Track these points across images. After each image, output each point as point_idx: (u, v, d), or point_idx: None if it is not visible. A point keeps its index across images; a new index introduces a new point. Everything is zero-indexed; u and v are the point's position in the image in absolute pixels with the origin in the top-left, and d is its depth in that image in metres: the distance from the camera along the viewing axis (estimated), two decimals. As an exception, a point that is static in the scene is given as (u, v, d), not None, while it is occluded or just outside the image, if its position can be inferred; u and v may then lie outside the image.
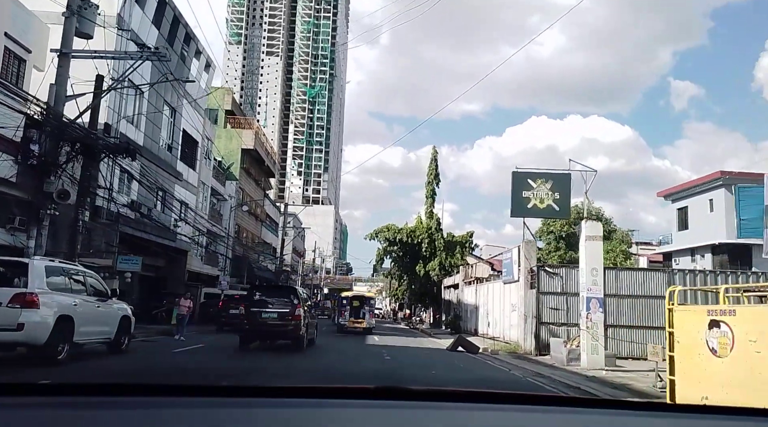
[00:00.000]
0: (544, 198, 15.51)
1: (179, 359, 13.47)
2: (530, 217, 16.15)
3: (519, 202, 15.58)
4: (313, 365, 13.17)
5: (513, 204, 15.61)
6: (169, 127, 30.84)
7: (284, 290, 19.57)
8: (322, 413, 1.57)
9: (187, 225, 32.79)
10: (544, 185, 15.54)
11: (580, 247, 15.73)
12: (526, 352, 20.39)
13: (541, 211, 15.52)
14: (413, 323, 45.82)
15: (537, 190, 15.53)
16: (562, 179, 15.66)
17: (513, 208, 15.61)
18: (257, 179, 51.51)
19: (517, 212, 15.61)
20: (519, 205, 15.60)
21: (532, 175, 15.82)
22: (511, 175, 15.82)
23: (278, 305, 16.67)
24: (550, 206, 15.52)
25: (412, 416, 1.61)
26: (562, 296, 20.04)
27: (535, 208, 15.51)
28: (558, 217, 15.88)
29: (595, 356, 14.93)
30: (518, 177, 15.79)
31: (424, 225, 42.89)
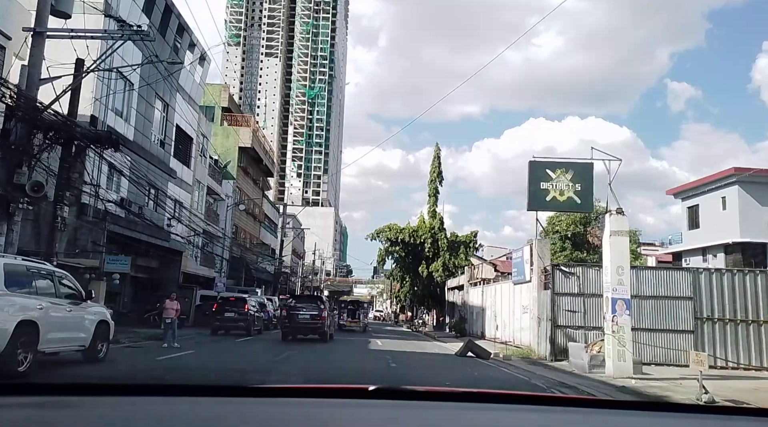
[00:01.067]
0: (565, 190, 14.15)
1: (159, 368, 12.11)
2: (549, 210, 14.81)
3: (536, 194, 14.22)
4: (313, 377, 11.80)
5: (530, 197, 14.24)
6: (161, 122, 29.51)
7: (313, 298, 25.75)
8: (322, 413, 1.55)
9: (182, 225, 31.49)
10: (564, 176, 14.20)
11: (604, 243, 14.39)
12: (540, 357, 19.05)
13: (561, 205, 14.18)
14: (415, 325, 44.45)
15: (556, 181, 14.17)
16: (584, 169, 14.32)
17: (530, 201, 14.25)
18: (255, 179, 50.17)
19: (534, 205, 14.26)
20: (536, 198, 14.25)
21: (551, 164, 14.47)
22: (528, 165, 14.45)
23: (309, 309, 22.72)
24: (570, 199, 14.17)
25: (412, 416, 1.61)
26: (578, 297, 18.70)
27: (554, 201, 14.15)
28: (580, 210, 14.56)
29: (621, 363, 13.58)
30: (535, 167, 14.43)
31: (427, 225, 41.54)
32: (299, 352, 16.78)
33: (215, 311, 24.40)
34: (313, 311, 22.62)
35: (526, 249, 22.10)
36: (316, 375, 11.52)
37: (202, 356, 15.22)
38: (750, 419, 1.78)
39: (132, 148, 25.19)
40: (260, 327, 26.65)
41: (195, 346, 18.77)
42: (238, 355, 15.96)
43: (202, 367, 12.48)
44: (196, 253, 35.92)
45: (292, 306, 23.41)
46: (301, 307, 23.03)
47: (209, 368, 12.45)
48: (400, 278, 45.38)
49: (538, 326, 19.59)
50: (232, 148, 43.94)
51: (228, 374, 10.62)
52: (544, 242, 20.40)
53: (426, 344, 26.26)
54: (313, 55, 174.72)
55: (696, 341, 18.24)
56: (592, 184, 14.48)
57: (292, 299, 25.12)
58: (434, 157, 42.66)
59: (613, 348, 13.65)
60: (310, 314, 22.47)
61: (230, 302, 24.58)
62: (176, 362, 13.07)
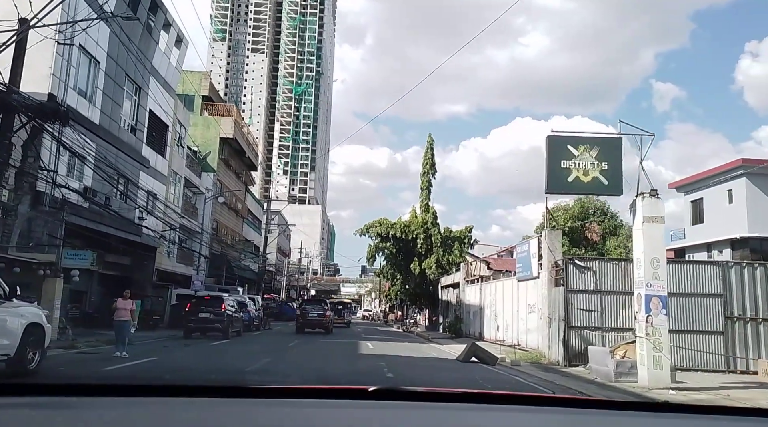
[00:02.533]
0: (589, 169, 12.06)
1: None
2: (571, 193, 12.77)
3: (556, 174, 12.12)
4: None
5: (549, 177, 12.12)
6: (133, 106, 27.13)
7: (319, 301, 32.66)
8: (322, 414, 1.55)
9: (156, 219, 29.14)
10: (589, 153, 12.12)
11: (635, 232, 12.34)
12: (551, 362, 16.99)
13: (586, 186, 12.09)
14: (407, 325, 42.27)
15: (580, 159, 12.08)
16: (612, 145, 12.24)
17: (549, 182, 12.13)
18: (238, 172, 47.78)
19: (554, 187, 12.16)
20: (556, 179, 12.14)
21: (573, 140, 12.35)
22: (546, 140, 12.33)
23: (316, 310, 29.93)
24: (596, 180, 12.07)
25: (411, 416, 1.62)
26: (595, 294, 16.67)
27: (578, 183, 12.05)
28: (607, 193, 12.46)
29: (658, 371, 11.53)
30: (555, 143, 12.32)
31: (420, 219, 39.38)
32: (277, 360, 14.60)
33: (188, 311, 22.14)
34: (319, 311, 29.87)
35: (533, 242, 20.05)
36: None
37: (163, 363, 12.98)
38: (750, 420, 1.79)
39: (97, 132, 22.90)
40: (239, 329, 24.40)
41: (161, 351, 16.50)
42: (206, 362, 13.72)
43: (156, 379, 10.19)
44: (172, 249, 33.53)
45: (304, 307, 31.12)
46: (310, 308, 30.51)
47: (164, 379, 10.24)
48: (390, 275, 43.11)
49: (549, 327, 17.53)
50: (213, 140, 41.58)
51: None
52: (555, 233, 18.35)
53: (421, 346, 24.12)
54: (300, 51, 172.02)
55: (726, 342, 16.30)
56: (621, 162, 12.41)
57: (304, 303, 33.76)
58: (427, 149, 40.46)
59: (647, 354, 11.59)
60: (317, 313, 29.61)
61: (205, 302, 22.32)
62: (125, 372, 10.82)
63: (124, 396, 1.66)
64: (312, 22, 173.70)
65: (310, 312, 29.63)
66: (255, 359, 14.51)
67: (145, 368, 11.93)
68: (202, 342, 20.02)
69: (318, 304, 31.15)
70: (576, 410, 1.81)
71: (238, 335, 24.23)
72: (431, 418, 1.61)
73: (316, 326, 29.07)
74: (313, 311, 29.67)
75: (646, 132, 12.35)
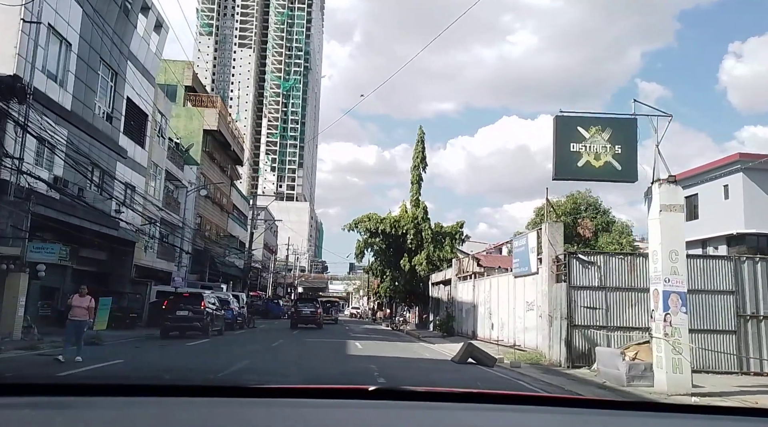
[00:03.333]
0: (601, 153, 10.92)
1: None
2: (581, 179, 11.60)
3: (565, 158, 10.96)
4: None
5: (556, 161, 10.96)
6: (108, 93, 25.70)
7: (311, 300, 37.44)
8: (322, 414, 1.55)
9: (134, 212, 27.78)
10: (601, 135, 10.98)
11: (651, 222, 11.23)
12: (552, 363, 15.90)
13: (597, 172, 10.94)
14: (396, 324, 41.07)
15: (591, 141, 10.92)
16: (626, 127, 11.09)
17: (557, 166, 10.96)
18: (222, 166, 46.33)
19: (563, 172, 10.99)
20: (565, 164, 10.98)
21: (584, 120, 11.19)
22: (554, 121, 11.16)
23: (309, 308, 33.54)
24: (608, 165, 10.93)
25: (411, 416, 1.61)
26: (599, 291, 15.59)
27: (589, 168, 10.90)
28: (620, 179, 11.32)
29: (677, 375, 10.43)
30: (564, 124, 11.15)
31: (410, 214, 38.15)
32: (257, 361, 13.38)
33: (165, 309, 20.83)
34: (312, 308, 33.59)
35: (531, 236, 18.96)
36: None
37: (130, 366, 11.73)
38: (750, 420, 1.78)
39: (69, 118, 21.52)
40: (220, 327, 23.12)
41: (130, 352, 15.24)
42: (178, 364, 12.44)
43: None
44: (152, 244, 32.13)
45: (298, 306, 34.61)
46: (304, 306, 34.11)
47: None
48: (379, 272, 41.83)
49: (550, 326, 16.43)
50: (197, 131, 40.17)
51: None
52: (556, 225, 17.26)
53: (412, 346, 22.97)
54: (288, 46, 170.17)
55: (739, 342, 15.29)
56: (636, 145, 11.28)
57: (298, 302, 36.65)
58: (417, 142, 39.22)
59: (666, 356, 10.48)
60: (309, 311, 33.22)
61: (184, 299, 21.02)
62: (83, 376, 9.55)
63: (124, 396, 1.63)
64: (300, 17, 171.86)
65: (304, 310, 33.35)
66: (233, 360, 13.28)
67: (107, 372, 10.66)
68: (180, 342, 18.75)
69: (310, 302, 35.50)
70: (576, 410, 1.79)
71: (220, 333, 22.96)
72: (431, 418, 1.61)
73: (308, 321, 32.80)
74: (306, 308, 33.50)
75: (662, 112, 11.26)
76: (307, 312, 32.93)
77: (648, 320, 15.39)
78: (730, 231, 32.17)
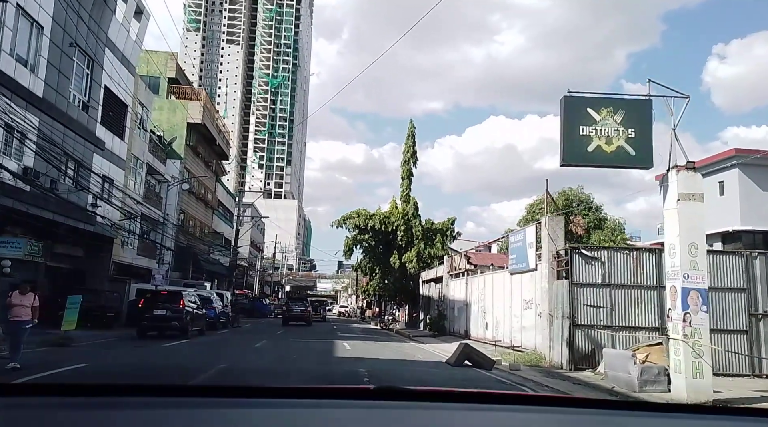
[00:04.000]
0: (613, 137, 9.93)
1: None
2: (591, 165, 10.56)
3: (574, 143, 9.94)
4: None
5: (564, 145, 9.94)
6: (84, 81, 24.44)
7: (301, 299, 40.87)
8: (321, 414, 1.54)
9: (113, 207, 26.54)
10: (612, 117, 9.99)
11: (667, 213, 10.29)
12: (552, 364, 14.95)
13: (608, 157, 9.94)
14: (385, 322, 40.02)
15: (602, 124, 9.93)
16: (640, 108, 10.11)
17: (565, 151, 9.94)
18: (207, 161, 45.03)
19: (572, 157, 9.98)
20: (574, 148, 9.95)
21: (595, 102, 10.17)
22: (561, 102, 10.13)
23: (300, 306, 35.90)
24: (621, 150, 9.94)
25: (411, 416, 1.60)
26: (603, 288, 14.65)
27: (599, 153, 9.90)
28: (634, 165, 10.35)
29: (698, 380, 9.48)
30: (572, 104, 10.14)
31: (400, 210, 37.10)
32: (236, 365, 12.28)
33: (142, 308, 19.66)
34: (302, 307, 35.92)
35: (530, 230, 18.01)
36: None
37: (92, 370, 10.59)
38: (750, 420, 1.78)
39: (40, 105, 20.29)
40: (201, 327, 21.97)
41: (100, 354, 14.10)
42: (148, 368, 11.31)
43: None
44: (131, 240, 30.88)
45: (289, 304, 36.86)
46: (294, 305, 36.31)
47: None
48: (369, 269, 40.72)
49: (550, 326, 15.47)
50: (180, 125, 38.89)
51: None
52: (556, 219, 16.29)
53: (403, 346, 21.95)
54: (277, 43, 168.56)
55: (751, 343, 14.41)
56: (651, 128, 10.30)
57: (289, 301, 38.97)
58: (408, 136, 38.15)
59: (685, 359, 9.52)
60: (300, 309, 35.43)
61: (162, 298, 19.85)
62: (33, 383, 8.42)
63: (124, 396, 1.60)
64: (289, 13, 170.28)
65: (294, 308, 35.55)
66: (208, 364, 12.18)
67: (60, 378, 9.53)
68: (156, 343, 17.61)
69: (300, 301, 38.05)
70: (576, 410, 1.78)
71: (201, 333, 21.82)
72: (431, 418, 1.60)
73: (299, 319, 34.72)
74: (297, 307, 35.80)
75: (679, 93, 10.30)
76: (297, 311, 35.08)
77: (655, 319, 14.50)
78: (725, 228, 31.47)
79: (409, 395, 1.75)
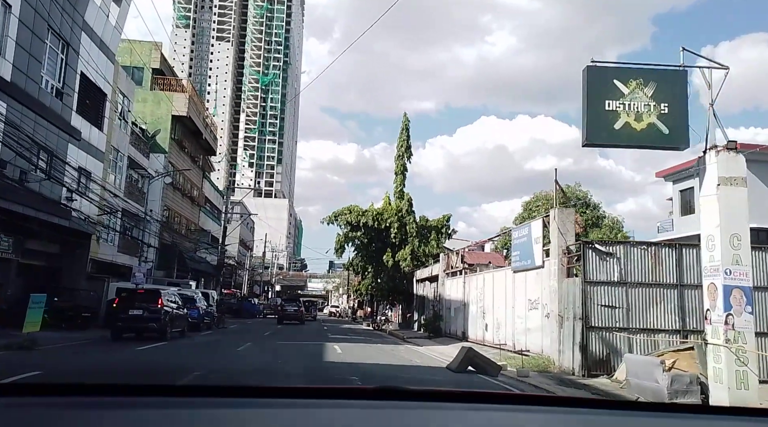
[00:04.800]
0: (643, 112, 8.64)
1: None
2: (619, 146, 9.27)
3: (598, 119, 8.63)
4: None
5: (588, 123, 8.64)
6: (58, 65, 22.93)
7: (295, 299, 45.33)
8: (322, 414, 1.52)
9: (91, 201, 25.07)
10: (642, 91, 8.71)
11: (704, 200, 9.01)
12: (563, 370, 13.66)
13: (638, 136, 8.63)
14: (378, 323, 38.66)
15: (630, 98, 8.65)
16: (674, 80, 8.84)
17: (588, 129, 8.62)
18: (194, 156, 43.50)
19: (596, 136, 8.65)
20: (598, 126, 8.64)
21: (622, 72, 8.84)
22: (584, 73, 8.82)
23: (293, 306, 39.02)
24: (653, 127, 8.65)
25: (411, 416, 1.58)
26: (619, 287, 13.39)
27: (628, 131, 8.59)
28: (667, 145, 9.04)
29: (742, 391, 8.21)
30: (597, 76, 8.81)
31: (394, 207, 35.72)
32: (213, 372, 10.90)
33: (116, 308, 18.22)
34: (295, 307, 38.78)
35: (535, 224, 16.72)
36: None
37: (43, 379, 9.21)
38: (750, 419, 1.76)
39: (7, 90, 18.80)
40: (182, 328, 20.51)
41: (64, 359, 12.67)
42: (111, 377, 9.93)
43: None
44: (112, 237, 29.37)
45: (283, 305, 40.18)
46: (288, 305, 39.24)
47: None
48: (361, 268, 39.29)
49: (560, 328, 14.18)
50: (165, 117, 37.38)
51: None
52: (567, 211, 15.03)
53: (398, 349, 20.62)
54: (267, 40, 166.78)
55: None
56: (686, 103, 9.03)
57: (283, 301, 43.37)
58: (402, 130, 36.78)
59: (727, 367, 8.26)
60: (293, 309, 38.07)
61: (138, 297, 18.39)
62: None
63: (125, 396, 1.57)
64: (280, 10, 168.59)
65: (288, 308, 38.29)
66: (183, 370, 10.79)
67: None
68: (131, 345, 16.17)
69: (294, 302, 41.59)
70: (576, 409, 1.76)
71: (182, 335, 20.38)
72: (431, 418, 1.58)
73: (292, 318, 36.85)
74: (291, 307, 38.61)
75: (718, 64, 9.02)
76: (291, 310, 37.69)
77: (675, 321, 13.25)
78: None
79: (408, 395, 1.70)
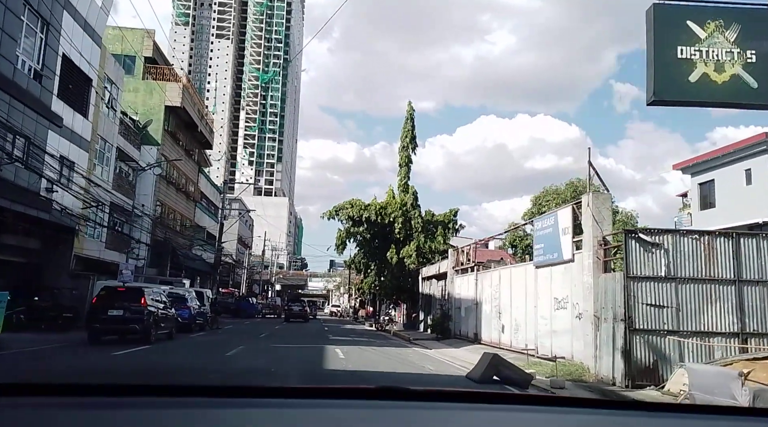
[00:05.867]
0: (725, 62, 6.87)
1: None
2: (694, 104, 7.44)
3: (669, 69, 6.84)
4: None
5: (656, 73, 6.82)
6: (37, 46, 21.12)
7: (299, 299, 49.78)
8: (323, 414, 1.51)
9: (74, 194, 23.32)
10: (724, 34, 6.95)
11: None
12: (601, 379, 11.84)
13: (719, 90, 6.85)
14: (381, 323, 36.85)
15: (709, 43, 6.87)
16: (763, 21, 7.10)
17: (657, 82, 6.81)
18: (189, 149, 41.69)
19: (666, 91, 6.83)
20: (669, 78, 6.85)
21: (698, 12, 7.10)
22: (649, 14, 7.00)
23: (299, 305, 43.38)
24: (737, 80, 6.87)
25: (413, 416, 1.58)
26: (668, 283, 11.54)
27: (706, 83, 6.81)
28: (756, 102, 7.24)
29: None
30: (666, 16, 6.99)
31: (398, 201, 33.89)
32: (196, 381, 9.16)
33: (94, 308, 16.41)
34: (300, 306, 42.87)
35: (563, 213, 14.90)
36: None
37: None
38: (750, 419, 1.77)
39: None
40: (169, 330, 18.70)
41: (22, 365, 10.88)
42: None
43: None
44: (98, 232, 27.57)
45: (289, 304, 44.64)
46: (294, 304, 43.50)
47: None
48: (363, 265, 37.41)
49: (596, 331, 12.35)
50: (157, 108, 35.58)
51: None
52: (603, 197, 13.17)
53: (406, 352, 18.81)
54: (267, 37, 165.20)
55: None
56: (780, 49, 7.23)
57: (288, 301, 48.93)
58: (407, 120, 34.91)
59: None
60: (299, 308, 42.12)
61: (119, 295, 16.56)
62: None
63: (125, 396, 1.57)
64: (280, 8, 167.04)
65: (294, 307, 42.46)
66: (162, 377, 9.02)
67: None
68: (108, 349, 14.37)
69: (299, 302, 45.55)
70: (576, 409, 1.75)
71: (169, 337, 18.58)
72: (432, 418, 1.58)
73: (298, 316, 40.45)
74: (296, 306, 42.72)
75: (816, 2, 7.20)
76: (296, 309, 41.74)
77: (733, 322, 11.43)
78: (754, 220, 28.45)
79: (410, 395, 1.68)
